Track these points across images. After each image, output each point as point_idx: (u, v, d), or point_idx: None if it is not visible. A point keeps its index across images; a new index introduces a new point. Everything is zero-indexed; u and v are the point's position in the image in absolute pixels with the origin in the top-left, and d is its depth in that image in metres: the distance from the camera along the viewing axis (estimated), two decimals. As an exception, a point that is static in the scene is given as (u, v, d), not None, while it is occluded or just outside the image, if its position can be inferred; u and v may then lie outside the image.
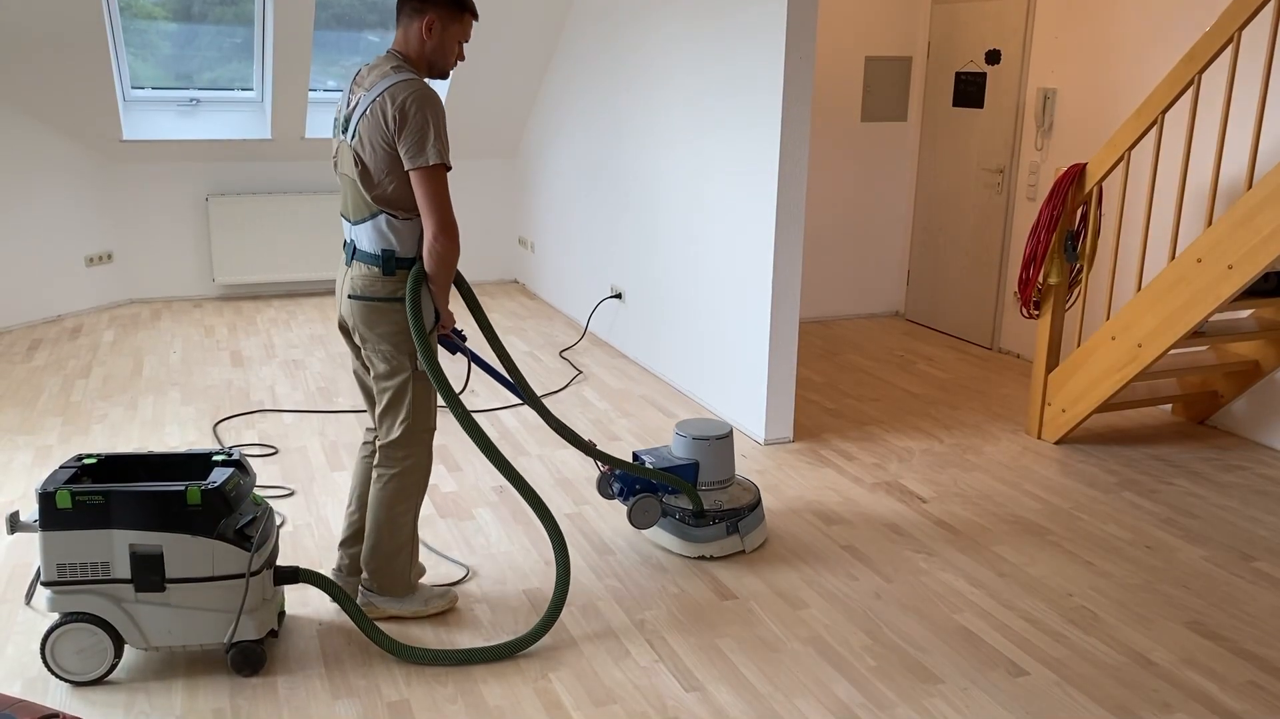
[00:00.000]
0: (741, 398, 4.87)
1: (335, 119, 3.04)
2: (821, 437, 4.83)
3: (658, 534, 3.71)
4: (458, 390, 3.01)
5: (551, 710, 2.78)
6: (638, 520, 3.60)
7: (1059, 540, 3.81)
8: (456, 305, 5.23)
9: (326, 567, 3.51)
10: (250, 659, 2.88)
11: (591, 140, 6.38)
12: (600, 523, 3.89)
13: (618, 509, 4.00)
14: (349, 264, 3.00)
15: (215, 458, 2.97)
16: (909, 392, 5.52)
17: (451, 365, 3.94)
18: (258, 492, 3.31)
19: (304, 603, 3.28)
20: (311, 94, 6.82)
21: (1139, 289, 4.34)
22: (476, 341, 5.59)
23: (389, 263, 2.92)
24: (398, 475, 3.07)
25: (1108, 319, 4.48)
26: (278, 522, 3.67)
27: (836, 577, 3.52)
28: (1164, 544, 3.80)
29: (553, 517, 3.10)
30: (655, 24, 5.46)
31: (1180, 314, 4.12)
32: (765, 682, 2.92)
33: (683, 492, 3.61)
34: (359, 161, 2.89)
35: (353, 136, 2.90)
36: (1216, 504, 4.14)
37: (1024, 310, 4.72)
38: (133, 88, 6.72)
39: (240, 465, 2.96)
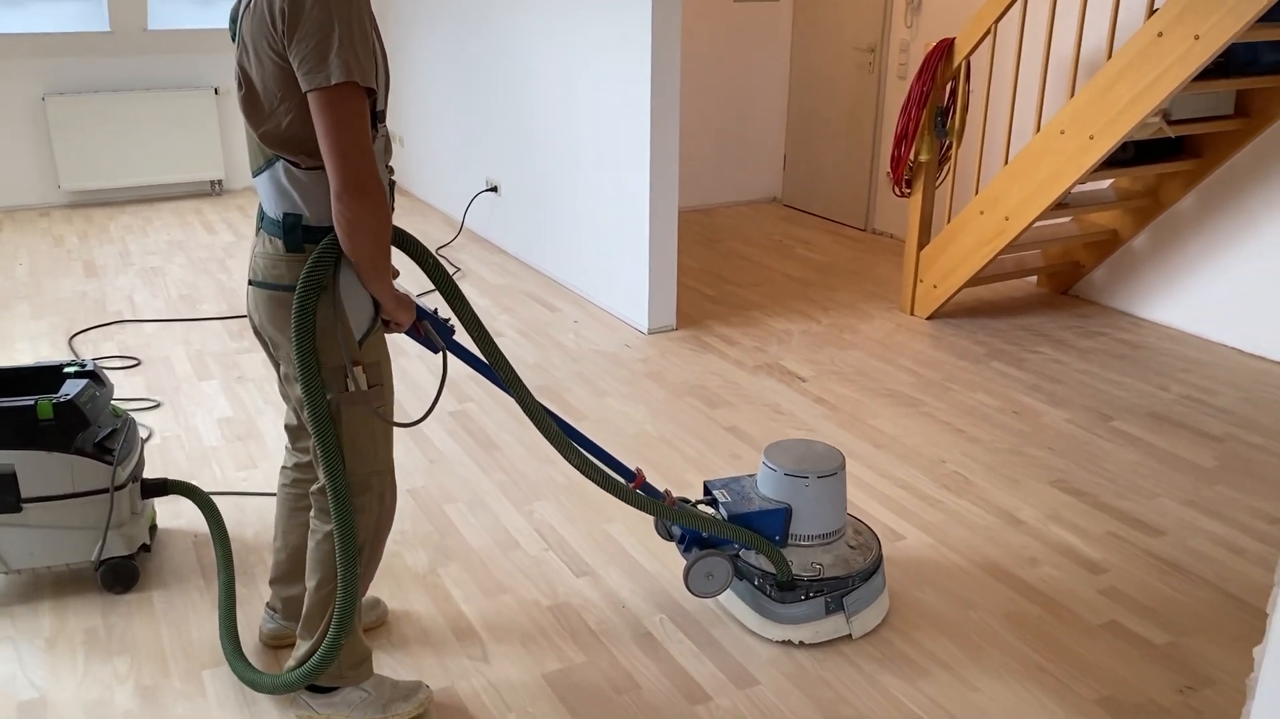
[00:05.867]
0: (623, 288, 4.84)
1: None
2: (704, 323, 4.85)
3: (731, 601, 2.76)
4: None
5: (441, 604, 2.77)
6: (697, 586, 2.62)
7: (932, 411, 3.93)
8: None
9: (197, 477, 3.40)
10: (121, 576, 2.78)
11: (460, 27, 6.12)
12: (485, 419, 3.85)
13: (499, 405, 3.95)
14: (256, 235, 2.17)
15: (67, 369, 2.81)
16: (788, 275, 5.56)
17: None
18: (121, 404, 3.14)
19: (177, 515, 3.16)
20: (151, -19, 6.35)
21: (1006, 163, 4.42)
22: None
23: (293, 233, 2.04)
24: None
25: (976, 194, 4.56)
26: (142, 434, 3.52)
27: (720, 457, 3.57)
28: (1030, 409, 3.96)
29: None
30: (517, -101, 5.21)
31: (1045, 186, 4.22)
32: (653, 560, 2.96)
33: (759, 550, 2.61)
34: (243, 82, 2.02)
35: (239, 45, 2.04)
36: (1078, 369, 4.32)
37: (896, 189, 4.77)
38: (-53, -23, 6.15)
39: (95, 376, 2.81)
